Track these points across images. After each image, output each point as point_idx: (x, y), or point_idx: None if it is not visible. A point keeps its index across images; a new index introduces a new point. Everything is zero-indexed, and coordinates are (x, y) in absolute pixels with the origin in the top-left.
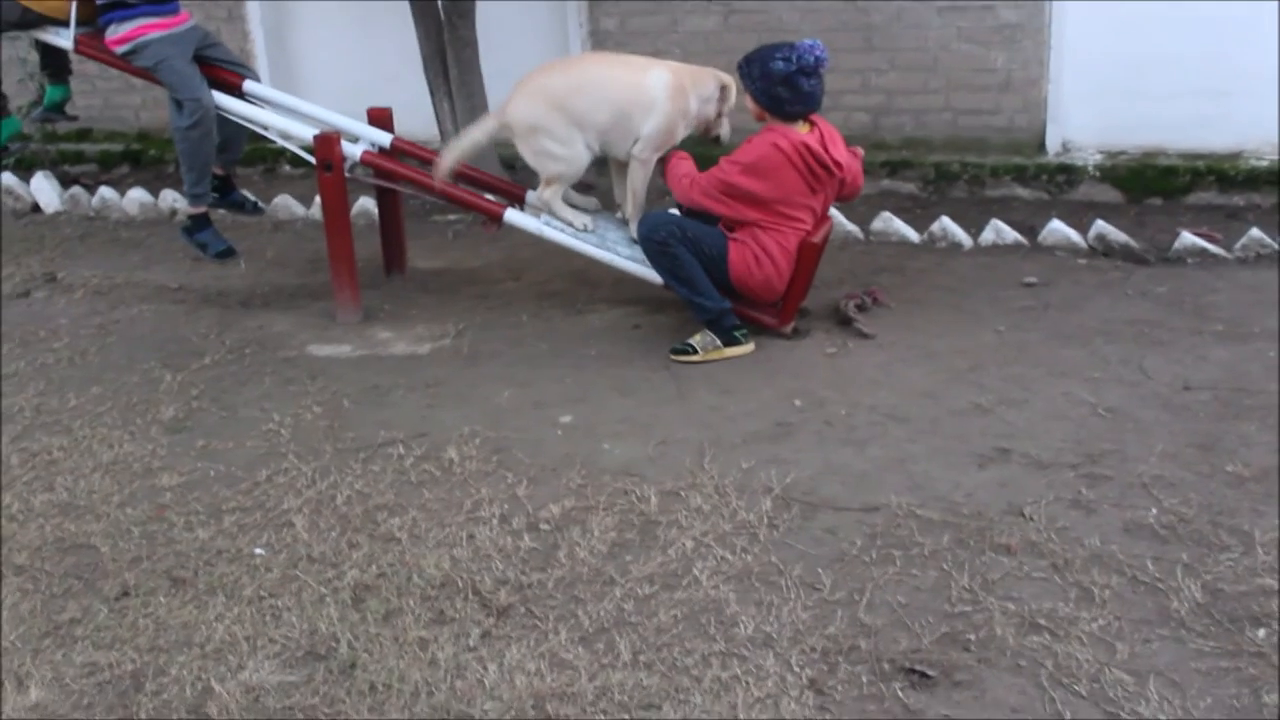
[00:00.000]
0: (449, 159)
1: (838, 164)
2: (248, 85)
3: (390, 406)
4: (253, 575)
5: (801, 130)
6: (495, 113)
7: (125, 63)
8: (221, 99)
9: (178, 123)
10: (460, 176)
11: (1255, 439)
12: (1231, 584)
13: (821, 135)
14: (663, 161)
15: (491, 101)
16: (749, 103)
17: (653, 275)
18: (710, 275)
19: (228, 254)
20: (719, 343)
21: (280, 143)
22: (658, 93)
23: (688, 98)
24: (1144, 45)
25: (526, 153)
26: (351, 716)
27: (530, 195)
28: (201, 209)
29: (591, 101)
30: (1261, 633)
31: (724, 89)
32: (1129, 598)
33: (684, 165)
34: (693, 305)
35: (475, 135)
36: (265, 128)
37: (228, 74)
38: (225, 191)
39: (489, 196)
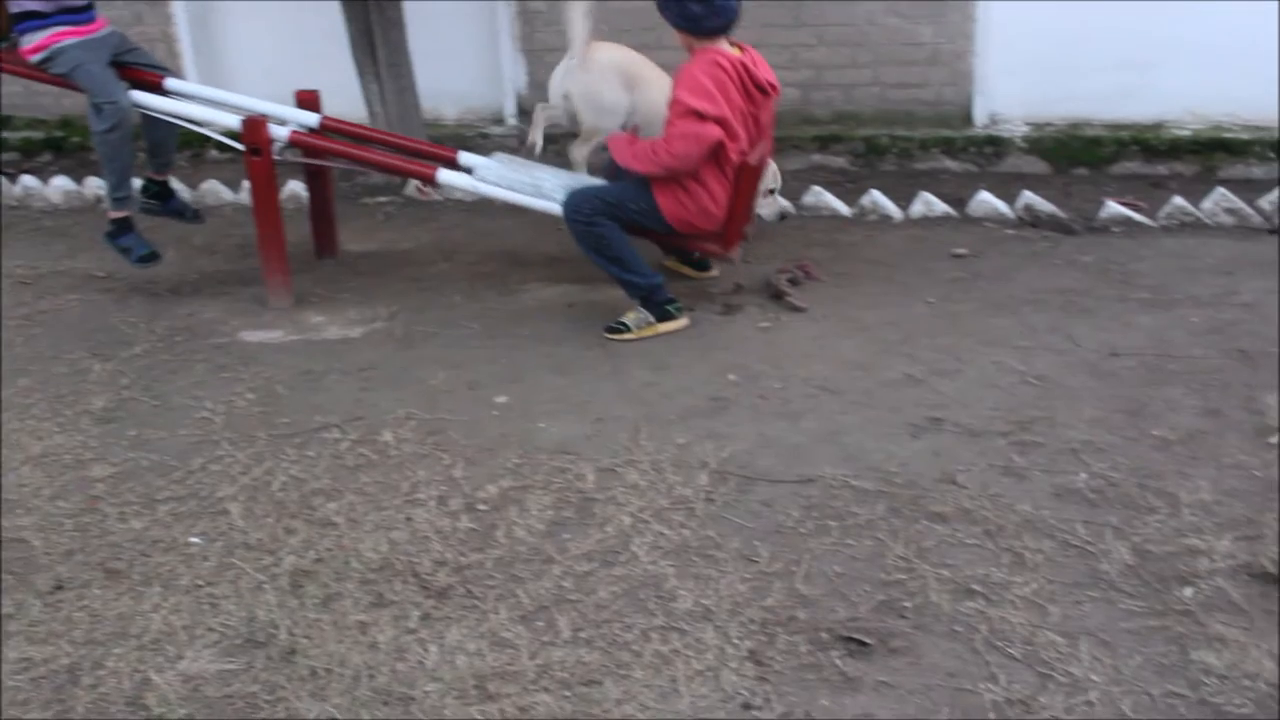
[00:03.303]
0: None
1: (772, 85)
2: (169, 83)
3: (324, 391)
4: (189, 564)
5: (733, 52)
6: (585, 44)
7: (41, 71)
8: (143, 97)
9: (96, 127)
10: (388, 145)
11: (1180, 403)
12: (1159, 545)
13: (752, 58)
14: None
15: (420, 81)
16: (677, 36)
17: None
18: (649, 228)
19: (150, 259)
20: (652, 319)
21: (207, 134)
22: None
23: None
24: (1069, 18)
25: (580, 86)
26: (292, 703)
27: (463, 160)
28: (124, 213)
29: (645, 103)
30: (1189, 591)
31: None
32: (1060, 561)
33: (637, 145)
34: (623, 284)
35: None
36: (190, 121)
37: (148, 75)
38: (165, 199)
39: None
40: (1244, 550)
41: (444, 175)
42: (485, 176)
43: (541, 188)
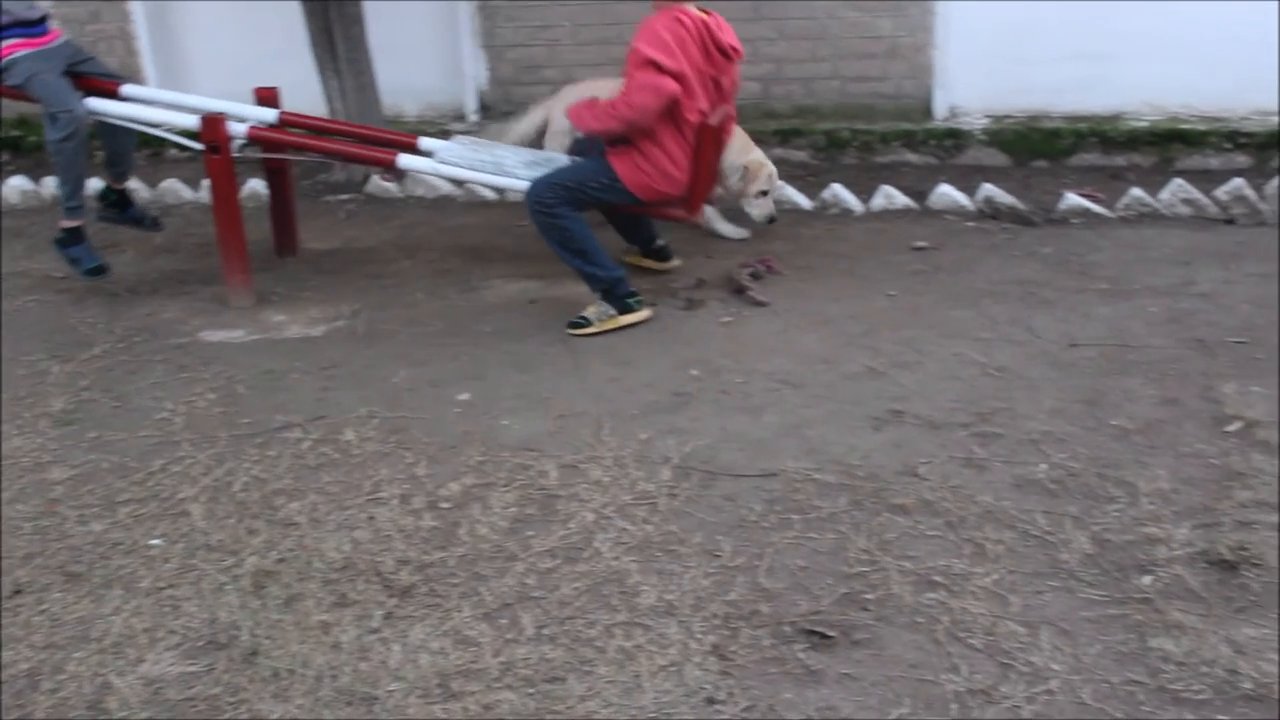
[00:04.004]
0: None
1: (734, 48)
2: (125, 89)
3: (285, 390)
4: (150, 566)
5: (697, 13)
6: (545, 107)
7: None
8: (99, 104)
9: (51, 136)
10: (348, 135)
11: (1139, 393)
12: (1118, 534)
13: (716, 22)
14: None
15: (381, 77)
16: None
17: None
18: (615, 202)
19: (98, 272)
20: (613, 311)
21: (165, 136)
22: None
23: None
24: (1027, 10)
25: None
26: (254, 704)
27: (423, 145)
28: (76, 222)
29: None
30: (1147, 579)
31: (746, 169)
32: (1021, 551)
33: (595, 107)
34: (585, 277)
35: (522, 128)
36: (148, 124)
37: (104, 83)
38: (124, 207)
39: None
40: (1201, 538)
41: (404, 160)
42: (446, 158)
43: (503, 165)
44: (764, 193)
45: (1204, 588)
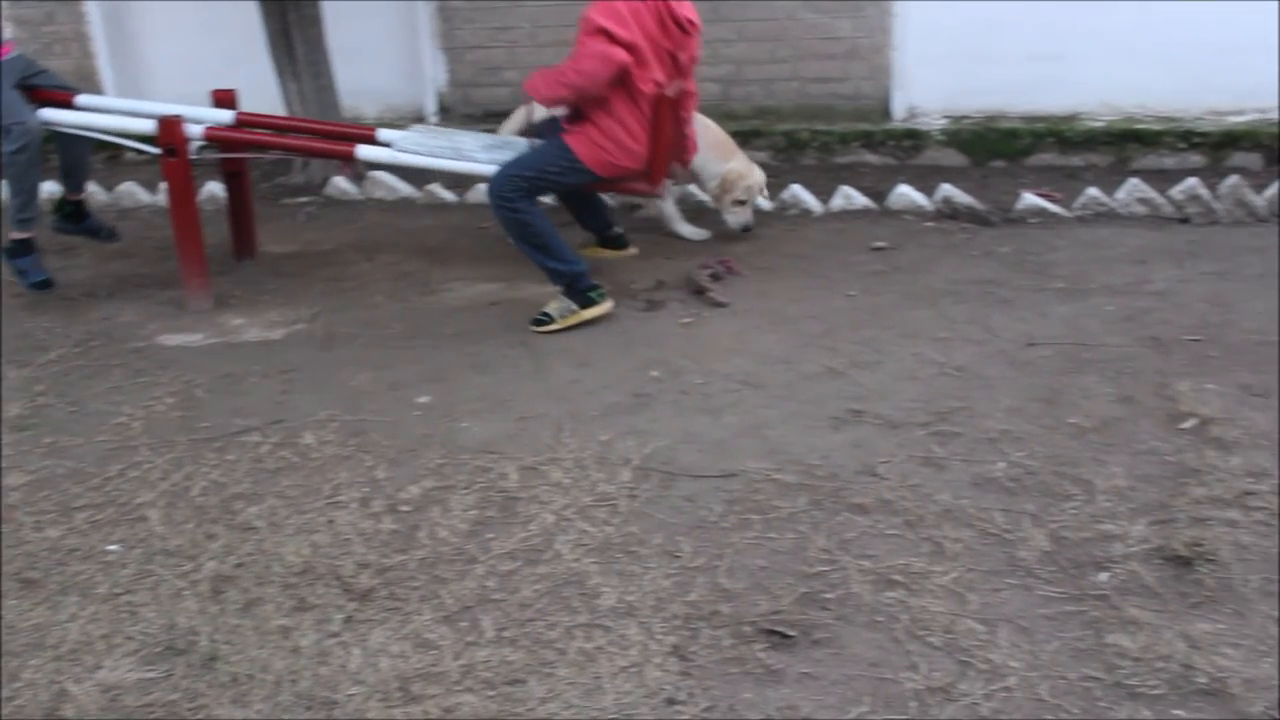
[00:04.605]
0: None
1: (691, 21)
2: (80, 100)
3: (244, 394)
4: (107, 573)
5: None
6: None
7: None
8: (52, 114)
9: (4, 148)
10: (305, 130)
11: (1095, 391)
12: (1075, 531)
13: None
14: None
15: (340, 79)
16: None
17: None
18: (577, 183)
19: (44, 286)
20: (575, 306)
21: (120, 142)
22: None
23: None
24: (985, 11)
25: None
26: (213, 710)
27: (381, 136)
28: (27, 234)
29: None
30: (1104, 576)
31: (723, 179)
32: (979, 549)
33: (548, 74)
34: (547, 271)
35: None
36: (103, 131)
37: (58, 94)
38: (80, 218)
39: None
40: (1157, 534)
41: (363, 151)
42: (405, 147)
43: (462, 150)
44: (743, 202)
45: (1159, 584)
